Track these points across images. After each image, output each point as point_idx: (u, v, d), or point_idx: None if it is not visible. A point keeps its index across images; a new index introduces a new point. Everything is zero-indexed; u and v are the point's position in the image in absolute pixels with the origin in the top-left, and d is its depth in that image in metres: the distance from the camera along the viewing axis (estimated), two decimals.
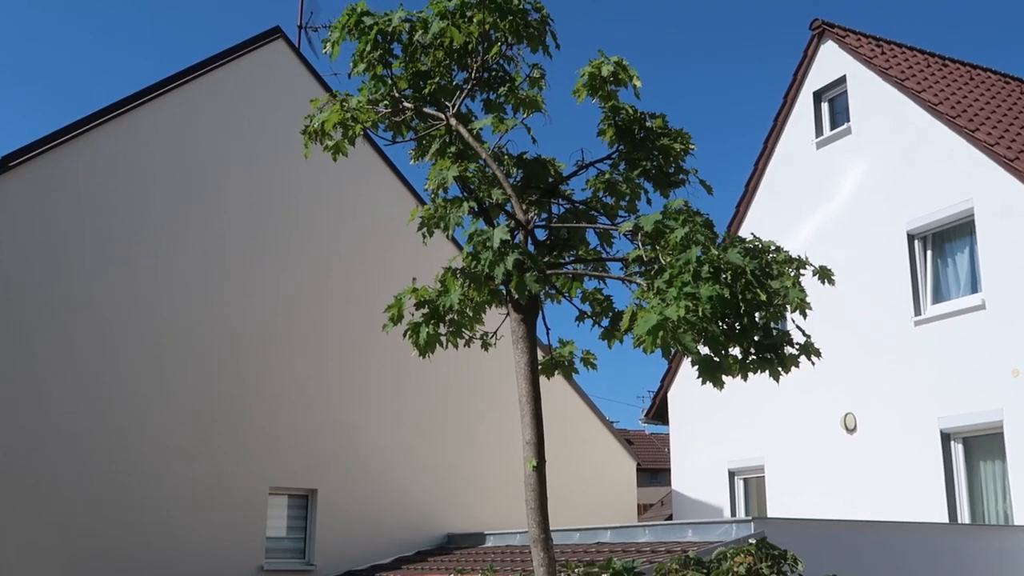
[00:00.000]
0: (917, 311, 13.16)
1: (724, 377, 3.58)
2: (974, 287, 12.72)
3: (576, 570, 4.32)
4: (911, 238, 13.45)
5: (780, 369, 3.55)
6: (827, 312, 11.38)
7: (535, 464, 3.37)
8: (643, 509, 22.76)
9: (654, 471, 27.89)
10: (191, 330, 14.75)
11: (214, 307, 15.02)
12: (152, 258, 14.60)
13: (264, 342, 15.32)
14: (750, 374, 3.79)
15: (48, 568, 13.09)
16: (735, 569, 3.40)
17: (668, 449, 18.40)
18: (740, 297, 3.24)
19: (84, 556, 13.32)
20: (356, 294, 15.48)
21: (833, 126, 15.28)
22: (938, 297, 13.20)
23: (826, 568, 5.68)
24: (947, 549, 10.38)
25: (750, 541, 3.49)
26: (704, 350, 3.34)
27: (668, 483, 19.15)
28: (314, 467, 15.34)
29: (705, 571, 3.60)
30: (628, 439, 20.75)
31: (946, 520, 12.11)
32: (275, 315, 15.44)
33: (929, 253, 13.36)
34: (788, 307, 3.50)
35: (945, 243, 13.32)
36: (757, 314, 3.42)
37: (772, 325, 3.55)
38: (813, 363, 3.51)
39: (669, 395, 17.72)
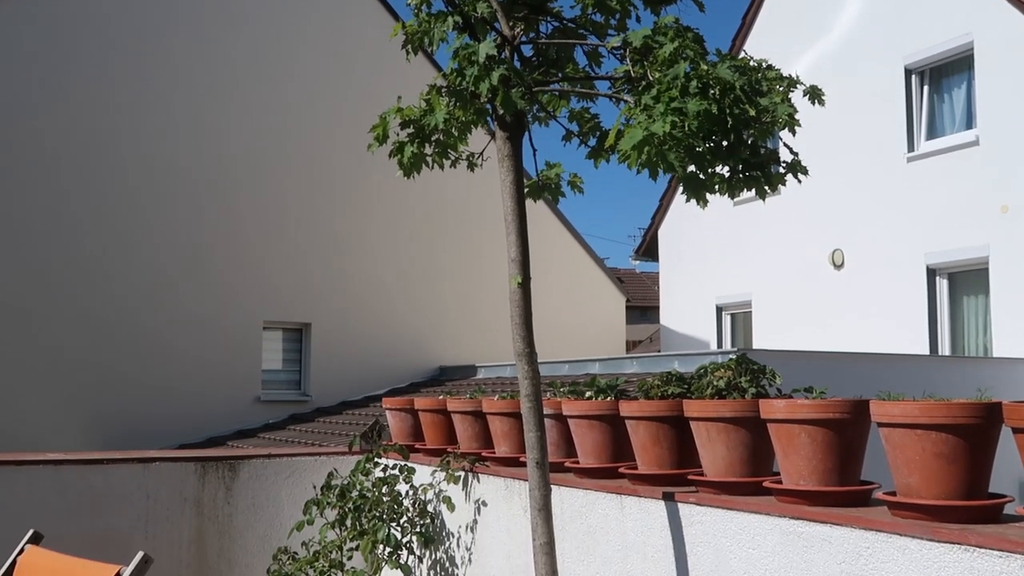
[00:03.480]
0: (911, 147, 13.07)
1: (709, 196, 3.56)
2: (969, 123, 12.61)
3: (562, 389, 4.42)
4: (908, 72, 13.23)
5: (766, 187, 3.52)
6: (819, 148, 11.30)
7: (520, 280, 3.40)
8: (632, 346, 23.15)
9: (644, 309, 28.23)
10: (180, 163, 14.64)
11: (204, 140, 14.86)
12: (141, 90, 14.35)
13: (255, 176, 15.24)
14: (736, 195, 3.77)
15: (44, 399, 13.37)
16: (715, 383, 3.47)
17: (658, 287, 18.60)
18: (728, 113, 3.18)
19: (78, 390, 13.60)
20: (346, 127, 15.27)
21: None
22: (932, 133, 13.10)
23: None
24: (924, 380, 10.62)
25: (730, 357, 3.55)
26: (691, 168, 3.31)
27: (657, 321, 19.43)
28: (307, 301, 15.51)
29: (686, 386, 3.68)
30: (619, 277, 20.93)
31: (927, 354, 12.39)
32: (266, 148, 15.30)
33: (926, 88, 13.17)
34: (777, 124, 3.46)
35: (943, 78, 13.11)
36: (745, 131, 3.37)
37: (760, 144, 3.51)
38: (800, 181, 3.48)
39: (659, 232, 17.78)
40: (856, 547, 2.75)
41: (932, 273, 12.72)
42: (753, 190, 3.62)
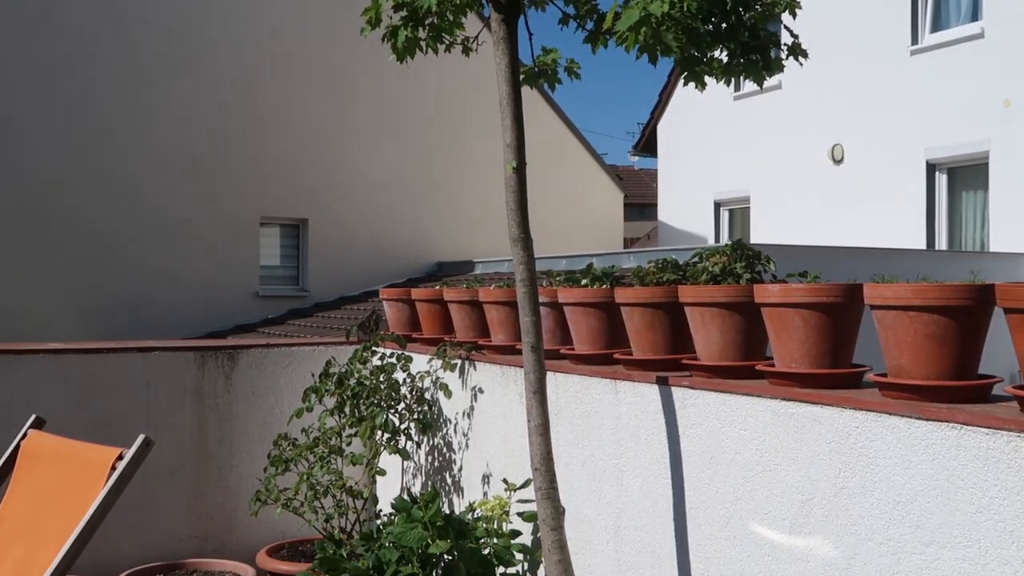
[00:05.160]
0: (914, 40, 12.87)
1: (709, 84, 3.51)
2: (975, 15, 12.38)
3: (557, 278, 4.43)
4: None
5: (765, 72, 3.47)
6: (821, 41, 11.08)
7: (515, 165, 3.37)
8: (630, 243, 23.17)
9: (642, 206, 28.18)
10: (170, 62, 14.42)
11: (195, 37, 14.61)
12: None
13: (248, 71, 15.02)
14: (734, 80, 3.72)
15: (41, 298, 13.43)
16: (710, 268, 3.48)
17: (656, 184, 18.51)
18: None
19: (76, 288, 13.64)
20: (340, 21, 14.99)
21: None
22: (937, 26, 12.87)
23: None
24: (920, 274, 10.68)
25: (726, 243, 3.55)
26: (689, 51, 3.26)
27: (655, 219, 19.40)
28: (304, 197, 15.47)
29: (681, 272, 3.69)
30: (618, 175, 20.82)
31: (924, 248, 12.42)
32: (259, 42, 15.05)
33: None
34: (777, 6, 3.39)
35: None
36: (745, 13, 3.31)
37: (760, 27, 3.45)
38: (801, 64, 3.43)
39: (659, 127, 17.62)
40: (846, 426, 2.79)
41: (932, 168, 12.66)
42: (752, 77, 3.57)
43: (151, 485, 5.24)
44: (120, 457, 3.49)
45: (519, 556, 4.09)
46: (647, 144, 18.29)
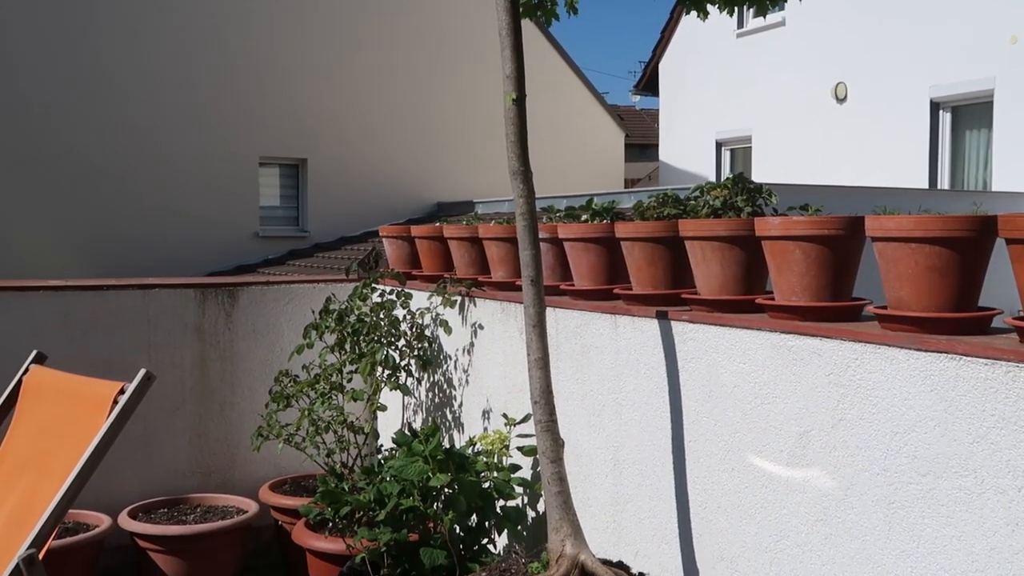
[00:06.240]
0: None
1: (711, 11, 3.47)
2: None
3: (558, 213, 4.41)
4: None
5: (769, 3, 3.43)
6: None
7: (515, 97, 3.33)
8: (631, 184, 23.05)
9: (643, 147, 27.98)
10: (169, 1, 14.26)
11: None
12: None
13: (248, 10, 14.84)
14: (737, 15, 3.66)
15: (41, 236, 13.41)
16: (710, 202, 3.46)
17: (658, 124, 18.38)
18: None
19: (76, 227, 13.61)
20: None
21: None
22: None
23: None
24: (922, 206, 10.65)
25: (727, 177, 3.53)
26: None
27: (657, 159, 19.29)
28: (303, 136, 15.37)
29: (682, 206, 3.67)
30: (619, 114, 20.65)
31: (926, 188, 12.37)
32: None
33: None
34: None
35: None
36: None
37: None
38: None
39: (660, 66, 17.45)
40: (845, 358, 2.79)
41: (935, 107, 12.55)
42: (755, 7, 3.53)
43: (154, 422, 5.28)
44: (122, 391, 3.50)
45: (519, 489, 4.13)
46: (649, 83, 18.12)
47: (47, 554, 3.17)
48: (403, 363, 4.96)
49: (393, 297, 5.11)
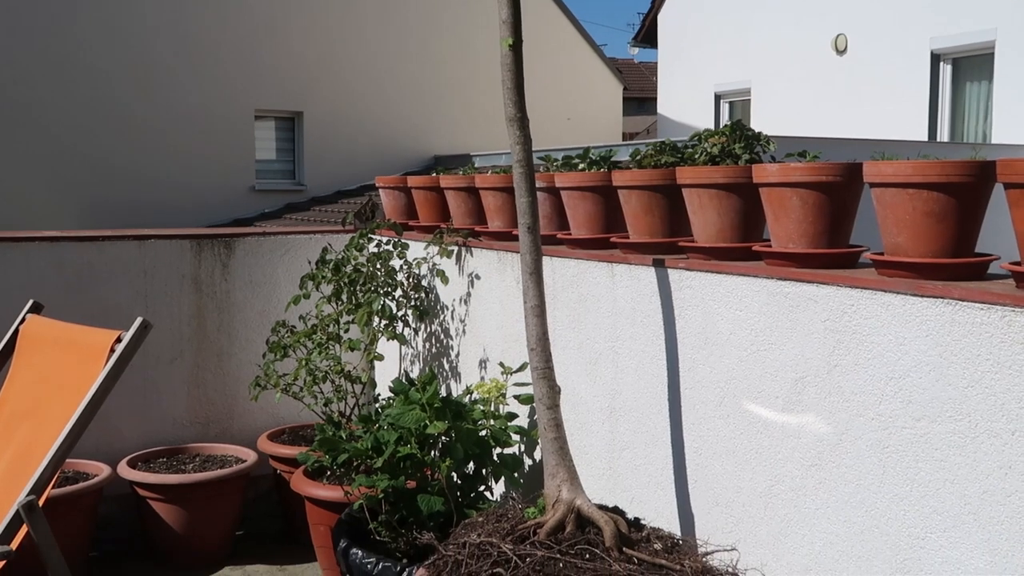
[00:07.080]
0: None
1: None
2: None
3: (555, 163, 4.39)
4: None
5: None
6: None
7: (511, 43, 3.30)
8: (629, 138, 22.94)
9: (641, 100, 27.83)
10: None
11: None
12: None
13: None
14: None
15: (38, 189, 13.37)
16: (708, 150, 3.44)
17: (656, 77, 18.24)
18: None
19: (73, 180, 13.56)
20: None
21: None
22: None
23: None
24: (921, 152, 10.62)
25: (725, 124, 3.50)
26: None
27: (655, 113, 19.17)
28: (299, 89, 15.26)
29: (679, 154, 3.65)
30: (617, 68, 20.50)
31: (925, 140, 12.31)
32: None
33: None
34: None
35: None
36: None
37: None
38: None
39: (659, 17, 17.29)
40: (841, 304, 2.79)
41: (936, 58, 12.46)
42: None
43: (152, 372, 5.29)
44: (119, 339, 3.51)
45: (515, 437, 4.15)
46: (647, 35, 17.97)
47: (47, 502, 3.20)
48: (400, 313, 4.97)
49: (390, 247, 5.10)
